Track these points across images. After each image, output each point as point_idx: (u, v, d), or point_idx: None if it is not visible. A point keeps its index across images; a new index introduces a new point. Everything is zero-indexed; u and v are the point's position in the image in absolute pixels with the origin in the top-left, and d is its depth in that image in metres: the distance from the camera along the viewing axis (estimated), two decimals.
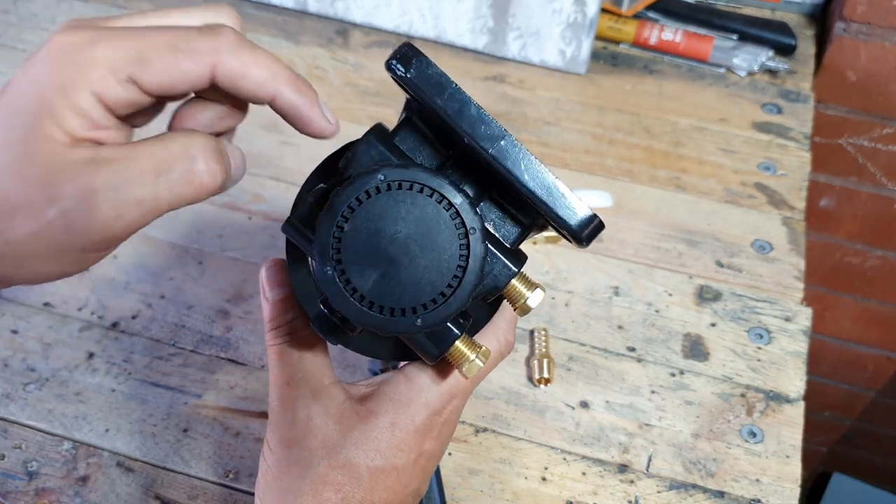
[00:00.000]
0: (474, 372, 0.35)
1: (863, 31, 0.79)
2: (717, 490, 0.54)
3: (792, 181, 0.72)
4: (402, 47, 0.32)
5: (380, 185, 0.32)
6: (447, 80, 0.32)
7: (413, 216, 0.32)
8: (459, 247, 0.32)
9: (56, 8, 0.87)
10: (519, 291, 0.34)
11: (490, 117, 0.32)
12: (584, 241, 0.34)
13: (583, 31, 0.78)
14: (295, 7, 0.86)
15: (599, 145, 0.75)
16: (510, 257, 0.34)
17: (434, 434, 0.38)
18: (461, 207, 0.32)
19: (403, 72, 0.32)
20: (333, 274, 0.31)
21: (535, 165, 0.32)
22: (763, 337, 0.61)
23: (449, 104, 0.32)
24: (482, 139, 0.32)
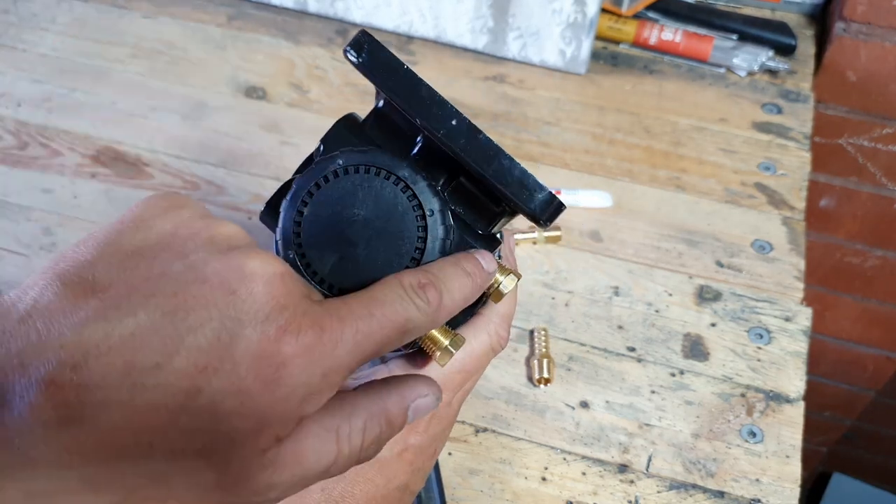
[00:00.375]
0: (446, 360, 0.34)
1: (863, 31, 0.79)
2: (717, 490, 0.54)
3: (792, 181, 0.72)
4: (357, 34, 0.33)
5: (338, 170, 0.32)
6: (398, 63, 0.32)
7: (371, 199, 0.32)
8: (417, 228, 0.32)
9: (56, 8, 0.87)
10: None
11: (443, 98, 0.32)
12: (543, 223, 0.33)
13: (583, 31, 0.78)
14: (295, 7, 0.86)
15: (599, 145, 0.75)
16: (480, 242, 0.34)
17: (420, 428, 0.37)
18: (419, 189, 0.32)
19: (356, 56, 0.32)
20: (295, 258, 0.32)
21: (489, 145, 0.32)
22: (763, 337, 0.61)
23: (400, 86, 0.32)
24: (432, 120, 0.32)
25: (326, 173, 0.32)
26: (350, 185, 0.32)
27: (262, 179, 0.71)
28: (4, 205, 0.69)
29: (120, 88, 0.79)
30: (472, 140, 0.32)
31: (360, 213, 0.32)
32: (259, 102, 0.78)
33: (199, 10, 0.87)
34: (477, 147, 0.32)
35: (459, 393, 0.39)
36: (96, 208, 0.69)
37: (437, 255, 0.32)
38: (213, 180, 0.71)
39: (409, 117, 0.32)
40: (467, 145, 0.32)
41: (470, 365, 0.38)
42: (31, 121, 0.76)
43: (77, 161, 0.73)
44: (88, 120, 0.76)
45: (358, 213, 0.32)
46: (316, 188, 0.32)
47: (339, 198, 0.32)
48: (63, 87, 0.79)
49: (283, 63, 0.81)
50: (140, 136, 0.75)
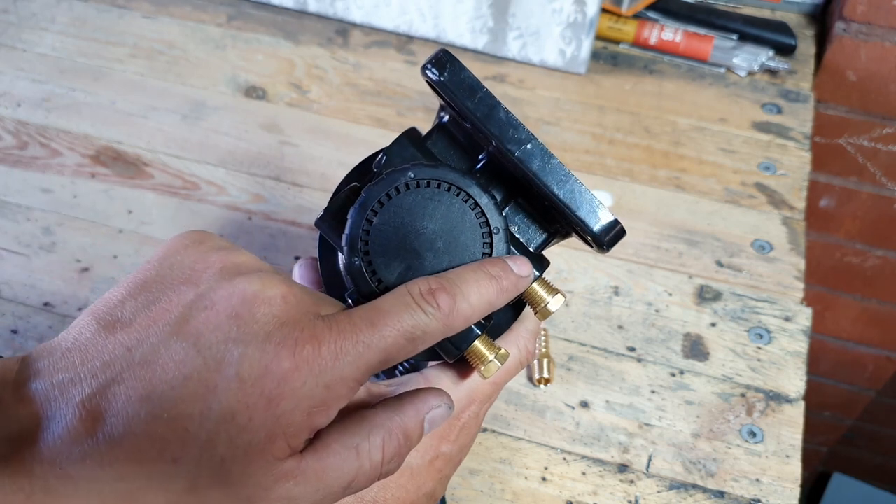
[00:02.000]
0: (492, 373, 0.35)
1: (863, 31, 0.79)
2: (717, 490, 0.54)
3: (792, 181, 0.72)
4: (438, 52, 0.34)
5: (409, 182, 0.33)
6: (478, 84, 0.34)
7: (439, 213, 0.33)
8: (483, 245, 0.33)
9: (55, 7, 0.87)
10: (539, 295, 0.35)
11: (518, 121, 0.33)
12: (605, 247, 0.35)
13: (583, 31, 0.78)
14: (295, 7, 0.86)
15: (599, 145, 0.75)
16: (532, 261, 0.35)
17: (451, 438, 0.38)
18: (486, 207, 0.33)
19: (437, 75, 0.34)
20: (360, 265, 0.33)
21: (560, 169, 0.34)
22: (763, 337, 0.61)
23: (479, 107, 0.33)
24: (509, 142, 0.33)
25: (398, 185, 0.33)
26: (420, 198, 0.33)
27: (262, 179, 0.71)
28: (4, 205, 0.69)
29: (120, 88, 0.79)
30: (546, 163, 0.33)
31: (428, 226, 0.33)
32: (259, 102, 0.78)
33: (198, 10, 0.87)
34: (551, 170, 0.33)
35: (487, 404, 0.40)
36: (96, 208, 0.69)
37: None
38: (213, 180, 0.71)
39: (484, 137, 0.34)
40: (542, 168, 0.33)
41: (501, 378, 0.39)
42: (30, 120, 0.76)
43: (77, 161, 0.72)
44: (88, 120, 0.76)
45: (426, 225, 0.33)
46: (387, 198, 0.33)
47: (408, 209, 0.33)
48: (63, 86, 0.79)
49: (283, 63, 0.81)
50: (140, 135, 0.75)
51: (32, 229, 0.67)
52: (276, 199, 0.70)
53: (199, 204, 0.69)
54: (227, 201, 0.70)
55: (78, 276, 0.64)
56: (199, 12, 0.86)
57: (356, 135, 0.75)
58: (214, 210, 0.69)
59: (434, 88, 0.35)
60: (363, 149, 0.73)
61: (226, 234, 0.67)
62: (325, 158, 0.73)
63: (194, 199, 0.70)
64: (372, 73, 0.80)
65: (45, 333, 0.61)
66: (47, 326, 0.61)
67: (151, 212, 0.69)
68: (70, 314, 0.62)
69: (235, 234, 0.67)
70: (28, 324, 0.61)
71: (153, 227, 0.68)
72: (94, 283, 0.64)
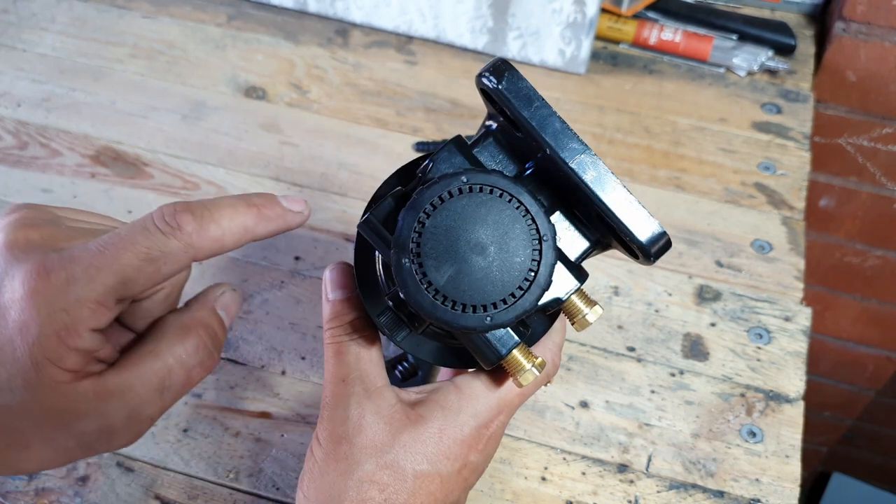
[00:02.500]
0: (529, 381, 0.35)
1: (862, 31, 0.79)
2: (717, 490, 0.54)
3: (792, 181, 0.72)
4: (496, 61, 0.34)
5: (462, 187, 0.33)
6: (535, 93, 0.34)
7: (491, 219, 0.33)
8: (532, 252, 0.33)
9: (55, 7, 0.87)
10: (578, 307, 0.36)
11: (573, 132, 0.34)
12: (652, 258, 0.35)
13: (582, 31, 0.78)
14: (294, 7, 0.86)
15: (599, 145, 0.75)
16: (573, 271, 0.36)
17: (480, 447, 0.38)
18: (537, 215, 0.33)
19: (496, 83, 0.34)
20: (411, 266, 0.33)
21: (612, 180, 0.34)
22: (763, 337, 0.61)
23: (535, 116, 0.34)
24: (564, 151, 0.34)
25: (451, 188, 0.33)
26: (472, 203, 0.33)
27: (262, 179, 0.71)
28: (4, 204, 0.69)
29: (119, 88, 0.79)
30: (599, 174, 0.34)
31: (479, 231, 0.33)
32: (259, 102, 0.78)
33: (198, 10, 0.87)
34: (603, 181, 0.34)
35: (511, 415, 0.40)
36: (96, 208, 0.69)
37: (547, 280, 0.33)
38: (212, 180, 0.71)
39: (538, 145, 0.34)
40: (596, 178, 0.34)
41: (529, 389, 0.40)
42: (30, 120, 0.76)
43: (77, 161, 0.72)
44: (88, 120, 0.76)
45: (477, 230, 0.33)
46: (440, 201, 0.33)
47: (460, 213, 0.33)
48: (62, 86, 0.79)
49: (283, 63, 0.81)
50: (140, 135, 0.75)
51: None
52: None
53: None
54: None
55: None
56: (199, 12, 0.86)
57: (356, 135, 0.75)
58: None
59: (489, 96, 0.35)
60: (363, 149, 0.73)
61: None
62: (325, 158, 0.73)
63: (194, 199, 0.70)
64: (372, 73, 0.80)
65: None
66: None
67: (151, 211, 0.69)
68: None
69: None
70: None
71: None
72: None
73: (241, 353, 0.60)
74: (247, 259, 0.65)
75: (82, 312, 0.31)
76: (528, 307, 0.33)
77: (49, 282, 0.31)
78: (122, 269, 0.31)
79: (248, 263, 0.65)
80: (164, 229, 0.32)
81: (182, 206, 0.33)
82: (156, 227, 0.32)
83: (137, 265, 0.32)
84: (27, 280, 0.31)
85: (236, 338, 0.61)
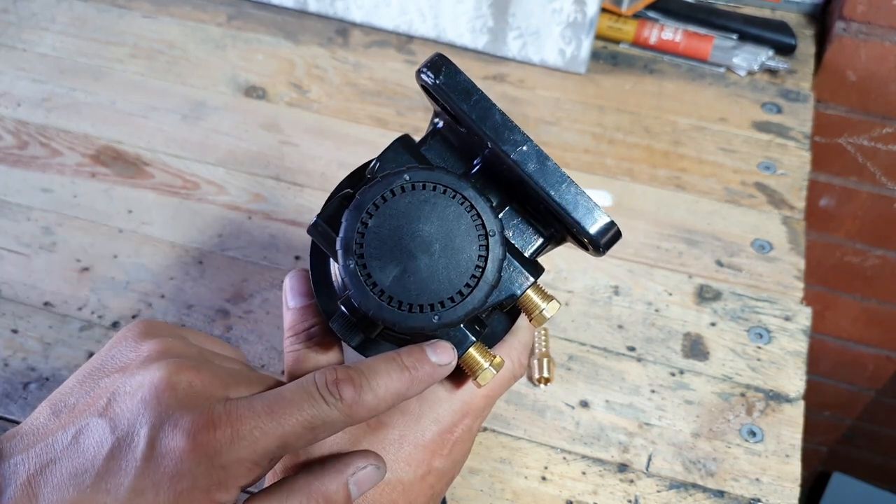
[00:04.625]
0: (487, 381, 0.35)
1: (863, 31, 0.79)
2: (717, 489, 0.54)
3: (792, 181, 0.72)
4: (433, 56, 0.34)
5: (405, 185, 0.33)
6: (474, 86, 0.33)
7: (435, 216, 0.33)
8: (479, 248, 0.33)
9: (55, 7, 0.87)
10: (534, 302, 0.35)
11: (514, 123, 0.33)
12: (601, 249, 0.34)
13: (583, 31, 0.78)
14: (295, 7, 0.86)
15: (599, 145, 0.75)
16: (527, 267, 0.35)
17: (444, 452, 0.38)
18: (482, 210, 0.33)
19: (433, 78, 0.33)
20: (355, 268, 0.32)
21: (556, 171, 0.33)
22: (763, 336, 0.61)
23: (475, 110, 0.33)
24: (505, 143, 0.33)
25: (393, 187, 0.33)
26: (416, 201, 0.33)
27: (262, 179, 0.71)
28: (4, 204, 0.69)
29: (120, 88, 0.79)
30: (542, 165, 0.33)
31: (423, 229, 0.33)
32: (259, 102, 0.78)
33: (198, 10, 0.87)
34: (547, 172, 0.33)
35: (479, 418, 0.40)
36: (96, 208, 0.69)
37: (495, 276, 0.33)
38: (212, 180, 0.71)
39: (479, 139, 0.33)
40: (538, 170, 0.33)
41: (494, 391, 0.39)
42: (30, 120, 0.76)
43: (77, 160, 0.73)
44: (88, 119, 0.76)
45: (422, 228, 0.33)
46: (382, 201, 0.33)
47: (404, 212, 0.33)
48: (63, 86, 0.79)
49: (283, 63, 0.81)
50: (140, 135, 0.75)
51: (32, 229, 0.67)
52: (275, 199, 0.70)
53: (199, 204, 0.69)
54: (226, 201, 0.70)
55: (78, 276, 0.64)
56: (199, 12, 0.86)
57: (356, 135, 0.75)
58: (214, 210, 0.69)
59: (429, 92, 0.35)
60: (363, 149, 0.73)
61: (225, 234, 0.67)
62: (325, 158, 0.73)
63: (194, 199, 0.70)
64: (372, 73, 0.80)
65: (45, 333, 0.61)
66: (47, 326, 0.61)
67: (151, 211, 0.69)
68: (70, 314, 0.62)
69: (235, 233, 0.67)
70: (28, 324, 0.61)
71: (153, 227, 0.68)
72: (94, 283, 0.64)
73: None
74: (247, 258, 0.65)
75: (238, 471, 0.31)
76: (477, 304, 0.33)
77: (214, 437, 0.31)
78: (285, 435, 0.31)
79: (248, 263, 0.65)
80: (327, 398, 0.32)
81: (343, 374, 0.33)
82: (319, 394, 0.32)
83: (300, 433, 0.32)
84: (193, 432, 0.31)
85: (236, 337, 0.61)
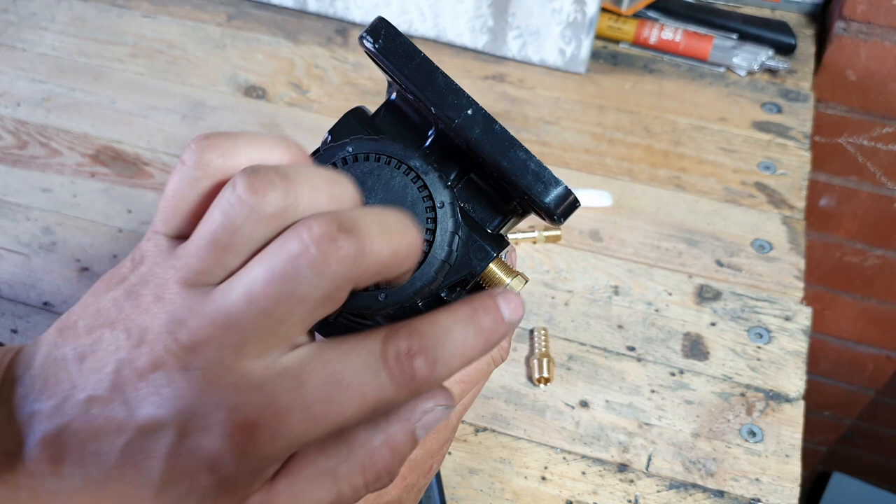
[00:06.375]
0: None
1: (863, 31, 0.79)
2: (717, 489, 0.54)
3: (792, 180, 0.72)
4: (374, 21, 0.32)
5: (347, 157, 0.30)
6: (414, 49, 0.31)
7: (380, 189, 0.30)
8: (427, 220, 0.30)
9: (55, 7, 0.87)
10: (498, 278, 0.32)
11: (458, 87, 0.31)
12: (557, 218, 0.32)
13: (582, 31, 0.78)
14: (294, 6, 0.86)
15: (599, 144, 0.75)
16: (489, 241, 0.33)
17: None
18: (429, 181, 0.30)
19: (372, 43, 0.31)
20: None
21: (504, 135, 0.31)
22: (763, 336, 0.61)
23: (416, 73, 0.31)
24: (448, 108, 0.31)
25: (335, 160, 0.31)
26: (359, 174, 0.30)
27: None
28: (4, 204, 0.69)
29: (119, 88, 0.79)
30: (487, 130, 0.31)
31: (367, 203, 0.30)
32: (258, 102, 0.78)
33: (198, 10, 0.86)
34: (492, 137, 0.31)
35: (458, 406, 0.37)
36: (96, 207, 0.69)
37: (446, 250, 0.30)
38: None
39: (423, 105, 0.31)
40: (482, 135, 0.31)
41: (470, 377, 0.36)
42: (30, 120, 0.76)
43: (76, 160, 0.72)
44: (88, 119, 0.76)
45: (366, 202, 0.30)
46: None
47: None
48: (62, 86, 0.79)
49: (283, 62, 0.81)
50: (139, 135, 0.75)
51: (32, 229, 0.67)
52: None
53: None
54: None
55: (78, 276, 0.64)
56: (199, 11, 0.86)
57: None
58: None
59: (373, 58, 0.33)
60: None
61: None
62: None
63: None
64: (372, 73, 0.80)
65: None
66: (47, 326, 0.61)
67: (151, 211, 0.69)
68: None
69: None
70: (28, 323, 0.61)
71: None
72: (94, 282, 0.64)
73: None
74: None
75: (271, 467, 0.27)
76: (426, 281, 0.30)
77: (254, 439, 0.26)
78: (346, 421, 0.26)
79: None
80: (397, 379, 0.26)
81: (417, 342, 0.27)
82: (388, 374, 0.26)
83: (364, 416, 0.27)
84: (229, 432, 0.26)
85: None
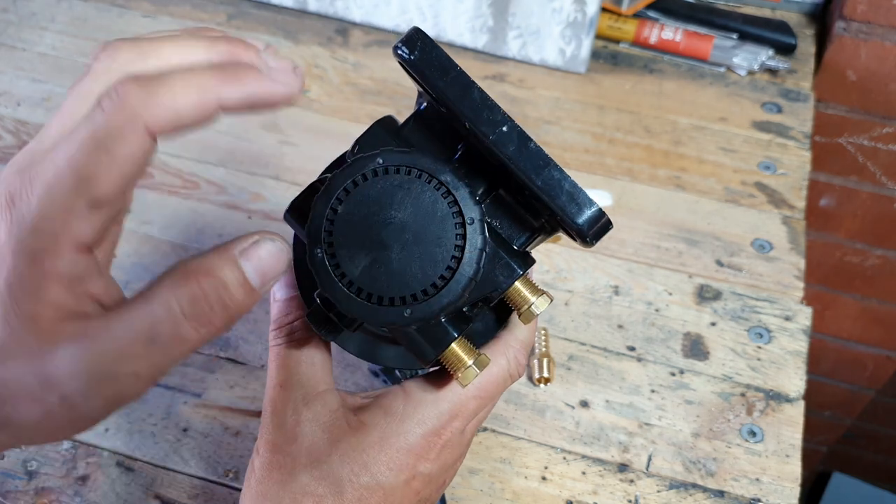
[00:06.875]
0: (470, 380, 0.32)
1: (863, 31, 0.79)
2: (717, 489, 0.54)
3: (792, 180, 0.72)
4: (410, 31, 0.31)
5: (377, 169, 0.30)
6: (450, 62, 0.31)
7: (409, 202, 0.30)
8: (455, 237, 0.30)
9: (55, 7, 0.87)
10: (523, 296, 0.32)
11: (494, 102, 0.30)
12: (589, 240, 0.31)
13: (583, 30, 0.78)
14: (294, 6, 0.86)
15: (599, 144, 0.75)
16: (515, 259, 0.32)
17: (432, 456, 0.35)
18: (460, 196, 0.30)
19: (408, 54, 0.31)
20: (323, 257, 0.30)
21: (539, 154, 0.30)
22: (763, 336, 0.61)
23: (451, 87, 0.30)
24: (483, 124, 0.30)
25: (365, 171, 0.30)
26: (389, 186, 0.30)
27: (262, 179, 0.71)
28: None
29: None
30: (522, 147, 0.30)
31: (396, 216, 0.30)
32: None
33: (198, 9, 0.86)
34: (527, 155, 0.30)
35: (473, 421, 0.37)
36: None
37: (474, 267, 0.30)
38: (213, 180, 0.71)
39: (457, 120, 0.31)
40: (517, 153, 0.30)
41: (487, 391, 0.36)
42: (30, 120, 0.76)
43: None
44: None
45: (395, 215, 0.30)
46: (353, 186, 0.30)
47: (376, 198, 0.30)
48: (62, 86, 0.79)
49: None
50: None
51: None
52: (276, 199, 0.70)
53: (199, 203, 0.69)
54: (226, 201, 0.70)
55: None
56: (199, 11, 0.86)
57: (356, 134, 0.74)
58: (214, 209, 0.69)
59: (406, 69, 0.32)
60: None
61: (225, 234, 0.67)
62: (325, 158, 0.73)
63: (194, 199, 0.70)
64: (372, 73, 0.80)
65: None
66: None
67: (151, 211, 0.69)
68: None
69: (235, 233, 0.67)
70: None
71: (153, 227, 0.68)
72: None
73: (241, 352, 0.60)
74: None
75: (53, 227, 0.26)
76: (453, 298, 0.29)
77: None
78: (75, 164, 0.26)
79: None
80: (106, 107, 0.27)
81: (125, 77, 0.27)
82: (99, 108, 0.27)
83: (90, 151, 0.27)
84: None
85: (236, 337, 0.61)
